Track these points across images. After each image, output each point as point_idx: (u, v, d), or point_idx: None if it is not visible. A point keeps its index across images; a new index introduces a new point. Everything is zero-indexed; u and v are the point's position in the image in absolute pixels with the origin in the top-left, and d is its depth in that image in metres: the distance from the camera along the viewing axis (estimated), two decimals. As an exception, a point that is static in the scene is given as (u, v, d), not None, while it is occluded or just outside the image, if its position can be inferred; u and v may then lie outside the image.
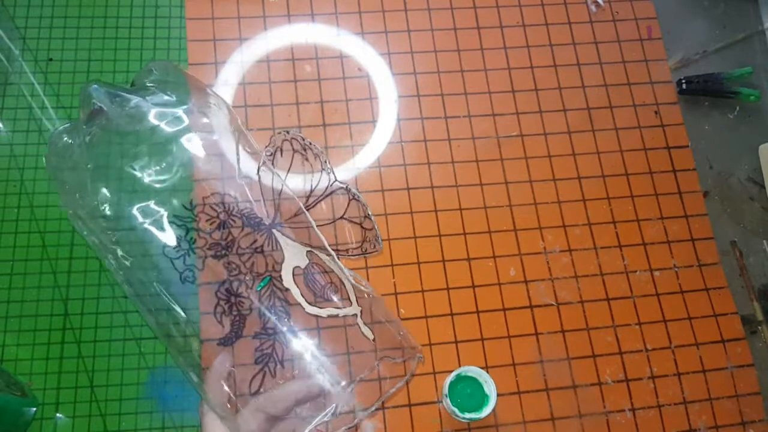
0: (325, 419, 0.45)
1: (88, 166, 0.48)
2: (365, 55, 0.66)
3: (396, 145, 0.63)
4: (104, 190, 0.48)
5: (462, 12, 0.68)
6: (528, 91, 0.66)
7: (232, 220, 0.51)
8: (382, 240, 0.59)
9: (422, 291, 0.58)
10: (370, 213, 0.59)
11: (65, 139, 0.49)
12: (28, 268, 0.57)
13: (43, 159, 0.50)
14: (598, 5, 0.70)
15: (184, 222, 0.49)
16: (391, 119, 0.64)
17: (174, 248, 0.48)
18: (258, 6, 0.66)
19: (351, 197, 0.59)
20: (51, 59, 0.63)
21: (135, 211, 0.48)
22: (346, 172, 0.61)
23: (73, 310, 0.56)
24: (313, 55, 0.65)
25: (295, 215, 0.54)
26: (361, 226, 0.59)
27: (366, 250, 0.59)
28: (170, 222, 0.48)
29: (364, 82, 0.65)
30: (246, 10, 0.66)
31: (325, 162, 0.60)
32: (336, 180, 0.60)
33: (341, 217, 0.59)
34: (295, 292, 0.50)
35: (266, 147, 0.61)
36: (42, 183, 0.60)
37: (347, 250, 0.58)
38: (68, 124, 0.50)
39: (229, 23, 0.65)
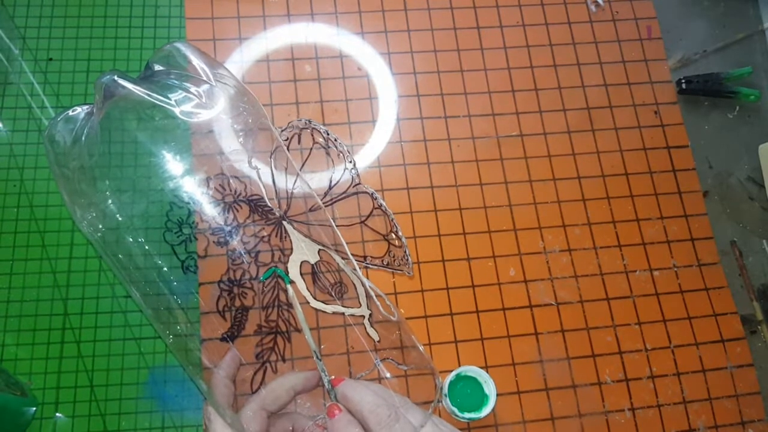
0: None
1: (97, 154, 0.48)
2: (365, 54, 0.66)
3: (396, 145, 0.63)
4: (114, 180, 0.48)
5: (462, 12, 0.68)
6: (528, 91, 0.66)
7: (238, 206, 0.50)
8: (409, 256, 0.58)
9: (422, 291, 0.58)
10: (398, 229, 0.57)
11: (66, 126, 0.49)
12: (28, 268, 0.57)
13: (44, 145, 0.50)
14: (598, 5, 0.70)
15: (186, 204, 0.49)
16: (390, 119, 0.64)
17: (175, 233, 0.48)
18: (258, 6, 0.66)
19: (376, 205, 0.58)
20: (51, 59, 0.63)
21: (137, 195, 0.48)
22: (345, 172, 0.61)
23: (72, 309, 0.56)
24: (312, 55, 0.65)
25: (311, 210, 0.53)
26: (385, 239, 0.58)
27: (388, 264, 0.58)
28: (171, 203, 0.48)
29: (364, 82, 0.65)
30: (246, 9, 0.66)
31: (350, 162, 0.59)
32: (360, 183, 0.59)
33: (361, 223, 0.58)
34: (301, 286, 0.50)
35: (282, 131, 0.60)
36: (42, 183, 0.60)
37: (364, 258, 0.58)
38: (70, 113, 0.50)
39: (228, 23, 0.65)
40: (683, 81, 0.66)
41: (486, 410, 0.51)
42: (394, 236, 0.57)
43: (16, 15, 0.65)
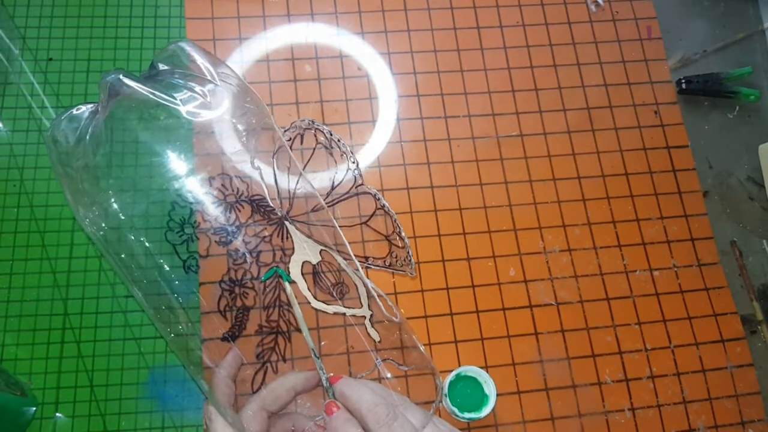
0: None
1: (101, 153, 0.48)
2: (365, 54, 0.66)
3: (396, 145, 0.63)
4: (117, 179, 0.48)
5: (462, 12, 0.68)
6: (528, 91, 0.66)
7: (241, 206, 0.50)
8: (412, 256, 0.58)
9: (422, 291, 0.58)
10: (401, 229, 0.57)
11: (69, 125, 0.49)
12: (28, 268, 0.57)
13: (47, 145, 0.50)
14: (598, 5, 0.70)
15: (188, 204, 0.49)
16: (390, 119, 0.64)
17: (177, 232, 0.48)
18: (258, 6, 0.66)
19: (378, 206, 0.58)
20: (51, 59, 0.63)
21: (139, 194, 0.48)
22: (348, 172, 0.61)
23: (72, 309, 0.56)
24: (312, 55, 0.65)
25: (313, 210, 0.53)
26: (388, 240, 0.58)
27: (390, 265, 0.58)
28: (173, 202, 0.48)
29: (364, 82, 0.65)
30: (246, 9, 0.66)
31: (353, 162, 0.59)
32: (362, 183, 0.59)
33: (364, 223, 0.58)
34: (302, 286, 0.50)
35: (285, 131, 0.60)
36: (42, 183, 0.60)
37: (367, 258, 0.58)
38: (73, 111, 0.50)
39: (228, 23, 0.65)
40: (683, 81, 0.66)
41: (486, 410, 0.51)
42: (397, 237, 0.57)
43: (16, 15, 0.64)
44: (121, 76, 0.47)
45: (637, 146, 0.65)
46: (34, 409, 0.53)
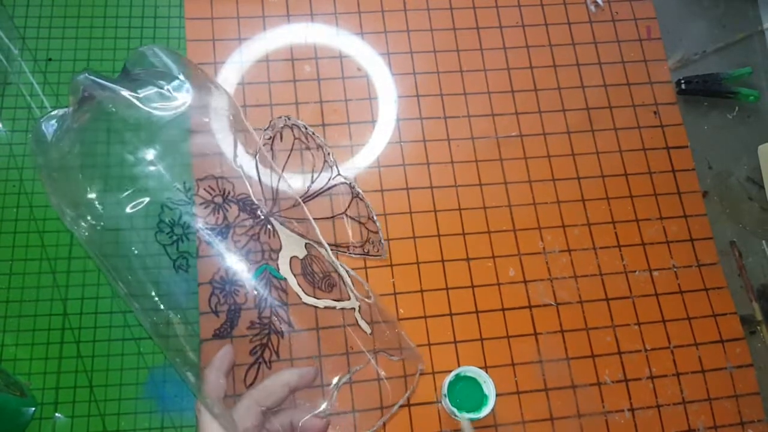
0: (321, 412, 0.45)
1: (76, 153, 0.48)
2: (365, 55, 0.66)
3: (395, 145, 0.63)
4: (92, 178, 0.48)
5: (462, 12, 0.68)
6: (527, 91, 0.66)
7: (228, 206, 0.50)
8: (384, 240, 0.59)
9: (421, 291, 0.58)
10: (374, 215, 0.58)
11: (50, 126, 0.49)
12: (27, 268, 0.57)
13: (32, 148, 0.50)
14: (597, 5, 0.70)
15: (177, 205, 0.49)
16: (390, 119, 0.64)
17: (167, 233, 0.48)
18: (257, 6, 0.66)
19: (354, 195, 0.59)
20: (50, 59, 0.63)
21: (125, 196, 0.47)
22: (345, 171, 0.61)
23: (72, 309, 0.56)
24: (312, 55, 0.65)
25: (295, 205, 0.54)
26: (365, 227, 0.59)
27: (368, 252, 0.58)
28: (163, 205, 0.48)
29: (364, 82, 0.65)
30: (245, 10, 0.66)
31: (328, 154, 0.60)
32: (339, 174, 0.60)
33: (342, 214, 0.58)
34: (292, 282, 0.50)
35: (265, 130, 0.60)
36: (41, 183, 0.60)
37: (347, 248, 0.58)
38: (53, 113, 0.50)
39: (228, 23, 0.65)
40: (683, 81, 0.66)
41: (485, 410, 0.51)
42: (372, 222, 0.57)
43: (16, 15, 0.65)
44: (90, 76, 0.47)
45: (637, 147, 0.65)
46: (34, 409, 0.53)
